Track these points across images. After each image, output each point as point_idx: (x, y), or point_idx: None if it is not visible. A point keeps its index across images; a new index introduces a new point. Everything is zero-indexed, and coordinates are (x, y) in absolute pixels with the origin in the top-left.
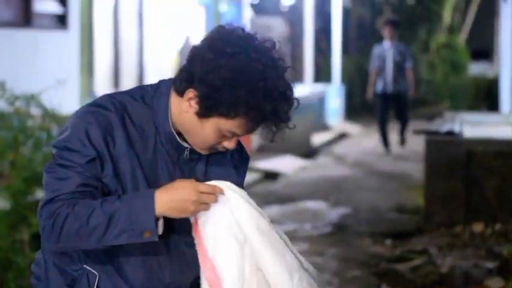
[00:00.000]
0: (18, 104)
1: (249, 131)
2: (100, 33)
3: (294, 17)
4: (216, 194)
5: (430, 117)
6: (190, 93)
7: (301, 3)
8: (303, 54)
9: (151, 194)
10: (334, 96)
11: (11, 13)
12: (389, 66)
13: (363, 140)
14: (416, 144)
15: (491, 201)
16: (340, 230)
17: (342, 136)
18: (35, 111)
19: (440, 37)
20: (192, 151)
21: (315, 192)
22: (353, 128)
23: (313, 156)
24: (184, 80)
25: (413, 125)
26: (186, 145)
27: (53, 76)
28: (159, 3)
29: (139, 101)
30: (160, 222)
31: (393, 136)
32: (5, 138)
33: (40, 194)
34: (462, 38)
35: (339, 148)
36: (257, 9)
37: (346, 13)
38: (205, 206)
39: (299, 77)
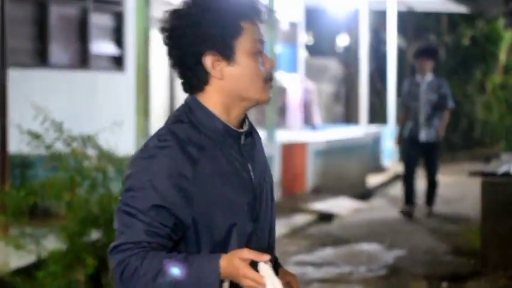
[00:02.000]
0: (74, 145)
1: (255, 32)
2: (156, 75)
3: (349, 58)
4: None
5: (486, 159)
6: (208, 61)
7: (356, 44)
8: (358, 95)
9: (216, 259)
10: (389, 137)
11: (69, 55)
12: (420, 106)
13: (419, 181)
14: (473, 185)
15: None
16: (395, 273)
17: (397, 177)
18: (91, 152)
19: (496, 77)
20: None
21: (370, 234)
22: None
23: (368, 197)
24: (189, 60)
25: (470, 166)
26: (240, 130)
27: (110, 117)
28: None
29: (185, 121)
30: (226, 285)
31: (446, 178)
32: (62, 179)
33: (96, 235)
34: None
35: (394, 189)
36: (312, 50)
37: (401, 54)
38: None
39: (354, 119)
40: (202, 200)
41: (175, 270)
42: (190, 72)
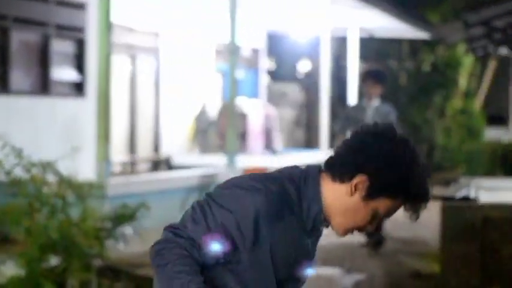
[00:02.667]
0: (34, 171)
1: (398, 209)
2: (117, 101)
3: (310, 84)
4: None
5: (446, 183)
6: (359, 178)
7: (317, 70)
8: (319, 120)
9: None
10: None
11: (30, 81)
12: None
13: None
14: (432, 209)
15: (507, 267)
16: None
17: None
18: (51, 178)
19: (456, 103)
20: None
21: (329, 258)
22: None
23: None
24: (350, 167)
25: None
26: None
27: (70, 143)
28: (176, 70)
29: (292, 185)
30: None
31: None
32: (21, 205)
33: (55, 261)
34: (478, 103)
35: None
36: (274, 75)
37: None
38: None
39: (315, 144)
40: (260, 253)
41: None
42: (344, 168)
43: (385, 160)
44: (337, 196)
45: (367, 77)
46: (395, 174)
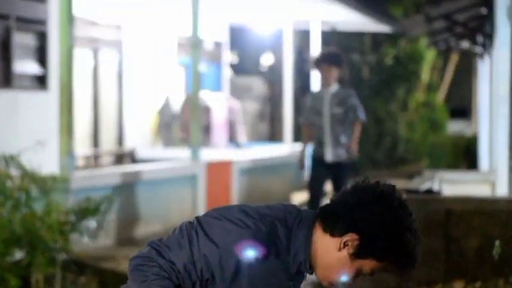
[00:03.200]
0: None
1: (383, 270)
2: (80, 94)
3: (274, 77)
4: None
5: (409, 176)
6: (350, 236)
7: (280, 63)
8: (283, 113)
9: None
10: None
11: None
12: (325, 122)
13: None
14: None
15: (471, 259)
16: None
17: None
18: (14, 172)
19: (419, 96)
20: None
21: None
22: (331, 186)
23: None
24: (343, 223)
25: (393, 183)
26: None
27: (33, 137)
28: (139, 63)
29: (284, 229)
30: None
31: None
32: None
33: (19, 255)
34: (440, 96)
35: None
36: (236, 69)
37: None
38: None
39: (279, 137)
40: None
41: None
42: (337, 223)
43: (381, 225)
44: (325, 248)
45: (321, 61)
46: (388, 240)
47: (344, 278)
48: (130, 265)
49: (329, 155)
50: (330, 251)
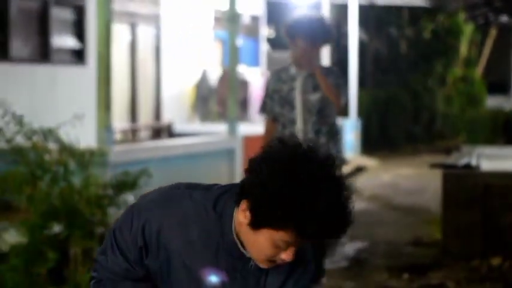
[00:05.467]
0: (35, 138)
1: (301, 243)
2: (117, 68)
3: None
4: None
5: (447, 151)
6: (244, 204)
7: None
8: None
9: None
10: (351, 129)
11: (29, 48)
12: (298, 114)
13: (380, 174)
14: (434, 177)
15: (508, 235)
16: (356, 264)
17: (359, 170)
18: (52, 145)
19: (457, 71)
20: None
21: None
22: (370, 162)
23: None
24: (239, 190)
25: (430, 158)
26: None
27: (71, 110)
28: (176, 37)
29: (211, 209)
30: None
31: (407, 170)
32: (22, 173)
33: (57, 229)
34: (479, 71)
35: (356, 182)
36: (273, 43)
37: (363, 47)
38: None
39: None
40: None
41: None
42: (238, 190)
43: (268, 183)
44: (237, 223)
45: (301, 36)
46: (277, 203)
47: (266, 253)
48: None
49: None
50: (238, 224)
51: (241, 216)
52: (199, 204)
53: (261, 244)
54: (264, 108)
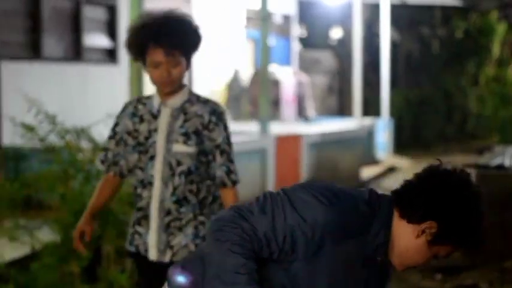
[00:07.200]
0: (68, 137)
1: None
2: None
3: (343, 51)
4: None
5: (480, 151)
6: (428, 224)
7: (349, 37)
8: (352, 87)
9: None
10: (383, 129)
11: (62, 47)
12: (156, 170)
13: (412, 174)
14: None
15: None
16: None
17: (391, 170)
18: (84, 144)
19: (489, 70)
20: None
21: None
22: (402, 162)
23: None
24: (420, 211)
25: (463, 158)
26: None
27: (103, 109)
28: (208, 37)
29: (367, 208)
30: None
31: None
32: (55, 172)
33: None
34: (511, 71)
35: (388, 182)
36: (305, 43)
37: (395, 47)
38: None
39: (348, 111)
40: (317, 266)
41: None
42: (414, 210)
43: (459, 212)
44: (403, 234)
45: (149, 38)
46: (466, 226)
47: (420, 261)
48: (212, 226)
49: (153, 251)
50: (407, 237)
51: (418, 231)
52: (362, 216)
53: (426, 254)
54: (105, 157)
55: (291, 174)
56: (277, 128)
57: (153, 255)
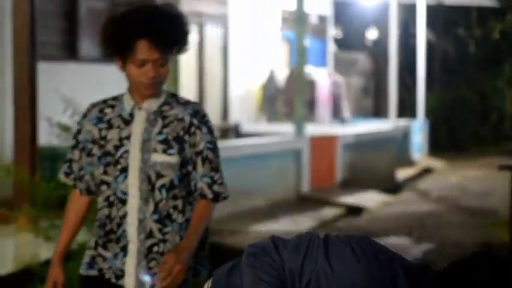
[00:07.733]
0: None
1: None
2: (185, 68)
3: (378, 52)
4: None
5: None
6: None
7: (385, 38)
8: (387, 89)
9: None
10: (418, 131)
11: (97, 49)
12: (131, 181)
13: (447, 175)
14: (502, 179)
15: None
16: None
17: (426, 171)
18: None
19: None
20: None
21: (399, 228)
22: (437, 163)
23: (397, 191)
24: None
25: (499, 160)
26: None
27: None
28: (244, 37)
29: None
30: None
31: (474, 172)
32: None
33: None
34: None
35: (423, 183)
36: (341, 43)
37: (431, 48)
38: None
39: (383, 112)
40: None
41: None
42: None
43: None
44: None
45: (128, 32)
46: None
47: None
48: (246, 251)
49: (130, 280)
50: None
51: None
52: None
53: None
54: (69, 169)
55: (325, 176)
56: (312, 129)
57: (130, 284)
